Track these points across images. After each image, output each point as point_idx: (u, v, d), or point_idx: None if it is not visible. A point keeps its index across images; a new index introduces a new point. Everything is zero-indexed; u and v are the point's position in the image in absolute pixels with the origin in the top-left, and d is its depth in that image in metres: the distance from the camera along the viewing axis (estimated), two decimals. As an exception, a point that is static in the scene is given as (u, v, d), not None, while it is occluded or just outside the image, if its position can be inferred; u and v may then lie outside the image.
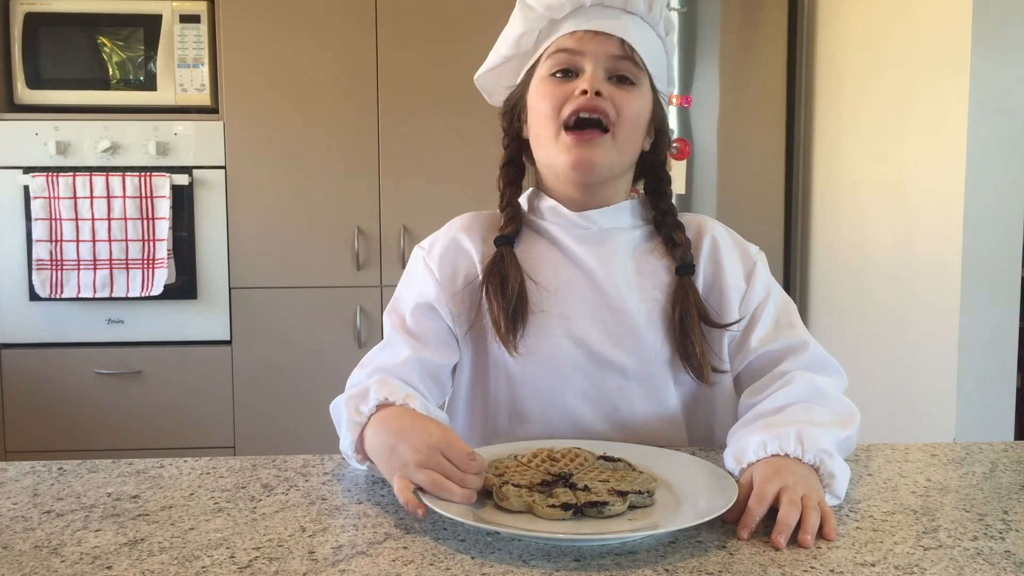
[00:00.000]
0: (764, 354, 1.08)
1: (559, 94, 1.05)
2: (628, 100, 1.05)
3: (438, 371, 1.08)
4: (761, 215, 2.81)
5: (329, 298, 2.89)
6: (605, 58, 1.05)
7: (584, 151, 1.04)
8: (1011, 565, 0.73)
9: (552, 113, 1.05)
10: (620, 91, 1.05)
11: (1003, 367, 1.94)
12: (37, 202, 2.71)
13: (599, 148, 1.05)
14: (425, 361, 1.07)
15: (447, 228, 1.15)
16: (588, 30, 1.05)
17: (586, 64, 1.05)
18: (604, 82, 1.05)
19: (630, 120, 1.06)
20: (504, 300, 1.05)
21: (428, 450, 0.85)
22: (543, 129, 1.07)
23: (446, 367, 1.10)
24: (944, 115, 1.98)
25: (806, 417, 0.95)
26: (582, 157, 1.05)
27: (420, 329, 1.08)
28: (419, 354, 1.06)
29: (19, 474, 0.97)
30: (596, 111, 1.03)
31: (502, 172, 1.15)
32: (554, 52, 1.07)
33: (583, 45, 1.05)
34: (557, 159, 1.06)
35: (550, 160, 1.08)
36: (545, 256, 1.10)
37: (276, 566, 0.73)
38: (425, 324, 1.09)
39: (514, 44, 1.10)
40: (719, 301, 1.09)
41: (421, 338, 1.08)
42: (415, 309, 1.09)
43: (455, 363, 1.11)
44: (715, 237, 1.12)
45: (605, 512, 0.80)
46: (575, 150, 1.05)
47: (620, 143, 1.06)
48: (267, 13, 2.80)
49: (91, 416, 2.85)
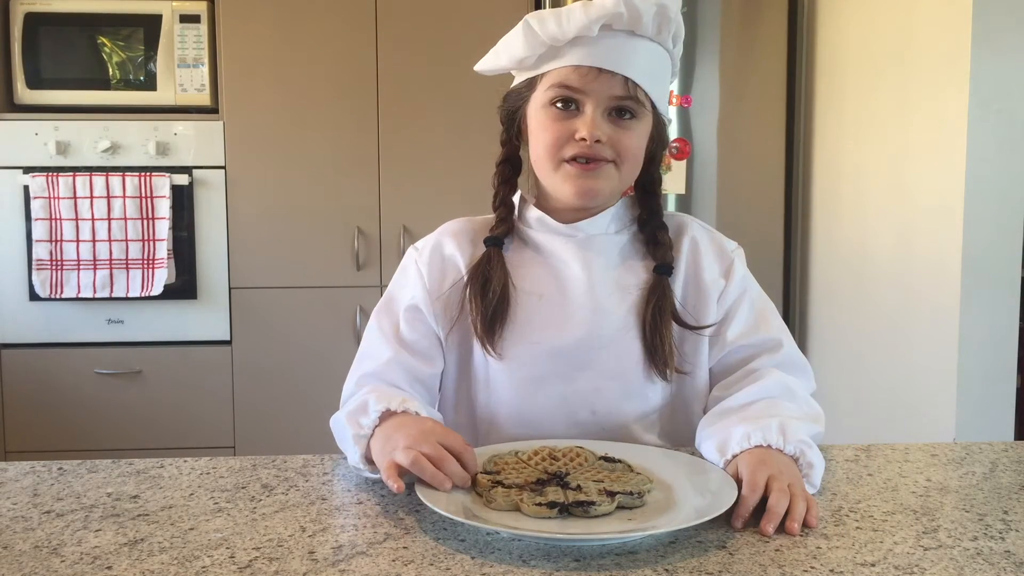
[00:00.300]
0: (739, 349, 1.10)
1: (559, 131, 1.05)
2: (628, 137, 1.05)
3: (423, 373, 1.10)
4: (761, 215, 2.81)
5: (329, 298, 2.89)
6: (607, 99, 1.04)
7: (588, 182, 1.05)
8: (1011, 565, 0.73)
9: (552, 148, 1.06)
10: (619, 130, 1.05)
11: (1003, 367, 1.94)
12: (37, 202, 2.71)
13: (602, 178, 1.06)
14: (409, 365, 1.09)
15: (439, 232, 1.16)
16: (592, 67, 1.03)
17: (587, 102, 1.04)
18: (603, 122, 1.04)
19: (631, 156, 1.06)
20: (484, 302, 1.07)
21: (421, 435, 0.89)
22: (544, 159, 1.07)
23: (431, 369, 1.11)
24: (944, 115, 1.98)
25: (780, 410, 0.98)
26: (585, 188, 1.05)
27: (409, 334, 1.10)
28: (402, 358, 1.09)
29: (19, 474, 0.97)
30: (595, 158, 1.04)
31: (498, 170, 1.15)
32: (556, 84, 1.05)
33: (586, 84, 1.03)
34: (560, 188, 1.07)
35: (552, 186, 1.09)
36: (530, 263, 1.11)
37: (276, 566, 0.73)
38: (414, 329, 1.11)
39: (515, 63, 1.09)
40: (698, 299, 1.10)
41: (407, 343, 1.10)
42: (406, 311, 1.11)
43: (441, 364, 1.12)
44: (694, 237, 1.13)
45: (591, 512, 0.80)
46: (579, 181, 1.05)
47: (623, 173, 1.07)
48: (267, 13, 2.80)
49: (91, 416, 2.85)
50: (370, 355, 1.10)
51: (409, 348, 1.10)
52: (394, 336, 1.10)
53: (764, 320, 1.12)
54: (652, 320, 1.06)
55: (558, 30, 1.03)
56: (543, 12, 1.06)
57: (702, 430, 1.02)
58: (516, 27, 1.08)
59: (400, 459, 0.86)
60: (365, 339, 1.13)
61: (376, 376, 1.08)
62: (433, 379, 1.12)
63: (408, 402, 0.97)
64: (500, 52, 1.11)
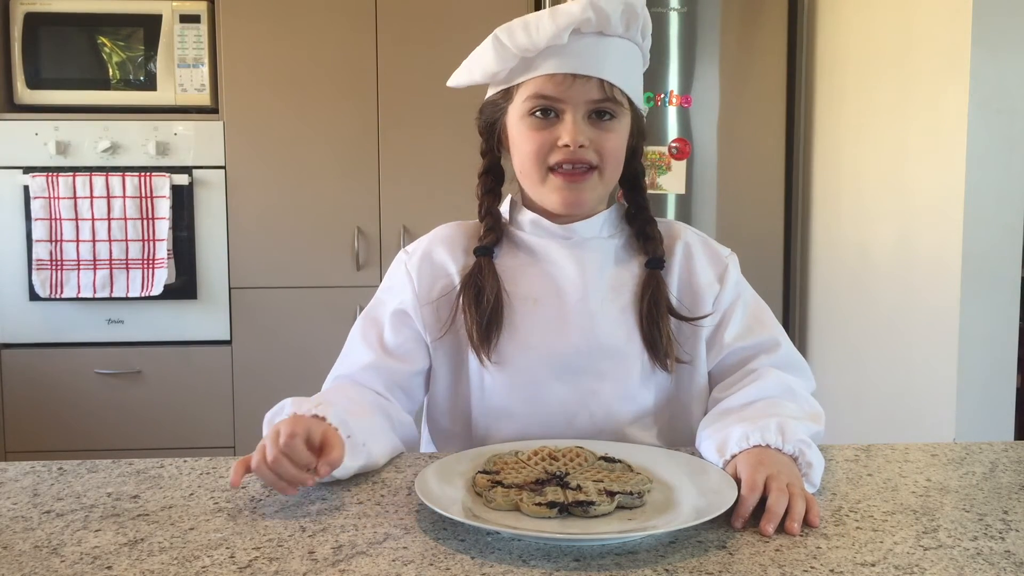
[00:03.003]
0: (737, 350, 1.10)
1: (541, 140, 1.05)
2: (609, 139, 1.06)
3: (405, 379, 1.10)
4: (761, 215, 2.81)
5: (329, 298, 2.89)
6: (585, 103, 1.04)
7: (574, 193, 1.06)
8: (1011, 565, 0.73)
9: (536, 158, 1.06)
10: (601, 132, 1.05)
11: (1003, 367, 1.94)
12: (37, 202, 2.72)
13: (587, 189, 1.06)
14: (390, 371, 1.09)
15: (430, 236, 1.16)
16: (568, 74, 1.03)
17: (566, 109, 1.04)
18: (584, 125, 1.04)
19: (614, 156, 1.07)
20: (479, 311, 1.06)
21: (274, 434, 0.87)
22: (528, 169, 1.08)
23: (414, 375, 1.11)
24: (944, 115, 1.98)
25: (779, 410, 0.98)
26: (571, 199, 1.06)
27: (392, 339, 1.11)
28: (382, 363, 1.09)
29: (19, 474, 0.97)
30: (580, 162, 1.04)
31: (480, 181, 1.15)
32: (533, 95, 1.05)
33: (562, 92, 1.04)
34: (547, 198, 1.08)
35: (539, 197, 1.09)
36: (525, 268, 1.11)
37: (276, 566, 0.73)
38: (398, 333, 1.11)
39: (488, 76, 1.09)
40: (693, 301, 1.11)
41: (389, 348, 1.10)
42: (392, 316, 1.11)
43: (425, 370, 1.12)
44: (688, 242, 1.14)
45: (591, 512, 0.80)
46: (564, 193, 1.06)
47: (607, 178, 1.08)
48: (267, 13, 2.80)
49: (91, 416, 2.85)
50: (350, 358, 1.11)
51: (391, 353, 1.10)
52: (377, 341, 1.11)
53: (760, 321, 1.13)
54: (648, 312, 1.07)
55: (528, 41, 1.03)
56: (512, 24, 1.05)
57: (702, 430, 1.03)
58: (485, 41, 1.07)
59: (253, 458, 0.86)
60: (349, 340, 1.14)
61: (349, 379, 1.09)
62: (415, 382, 1.12)
63: (324, 407, 0.93)
64: (472, 68, 1.10)
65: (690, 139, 2.74)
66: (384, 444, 1.00)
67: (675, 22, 2.73)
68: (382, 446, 0.99)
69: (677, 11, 2.71)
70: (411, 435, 1.10)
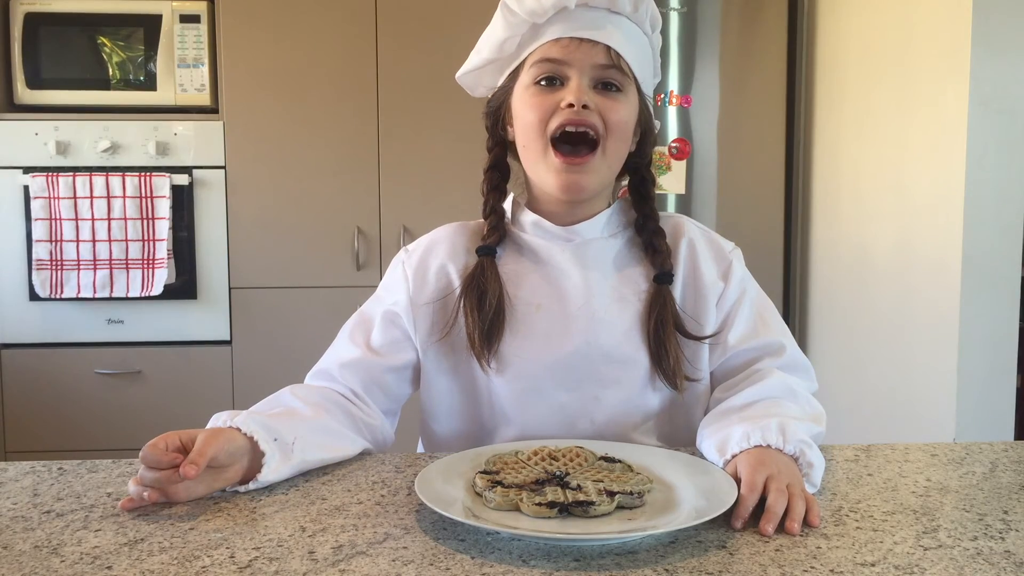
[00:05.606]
0: (740, 352, 1.10)
1: (545, 105, 1.04)
2: (615, 108, 1.04)
3: (385, 376, 1.10)
4: (761, 215, 2.81)
5: (329, 298, 2.89)
6: (591, 68, 1.04)
7: (574, 176, 1.04)
8: (1011, 565, 0.73)
9: (539, 125, 1.04)
10: (606, 100, 1.04)
11: (1003, 367, 1.94)
12: (37, 202, 2.72)
13: (588, 172, 1.05)
14: (371, 366, 1.09)
15: (431, 236, 1.16)
16: (573, 37, 1.03)
17: (571, 74, 1.04)
18: (590, 92, 1.03)
19: (618, 129, 1.05)
20: (481, 315, 1.06)
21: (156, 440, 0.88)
22: (530, 141, 1.06)
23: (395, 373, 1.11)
24: (944, 115, 1.98)
25: (781, 410, 0.98)
26: (571, 182, 1.05)
27: (379, 339, 1.11)
28: (366, 359, 1.09)
29: (19, 474, 0.97)
30: (583, 124, 1.02)
31: (486, 176, 1.14)
32: (539, 60, 1.05)
33: (568, 54, 1.03)
34: (546, 180, 1.06)
35: (539, 178, 1.08)
36: (527, 272, 1.10)
37: (276, 566, 0.73)
38: (386, 332, 1.11)
39: (496, 48, 1.09)
40: (697, 302, 1.10)
41: (375, 347, 1.10)
42: (383, 315, 1.11)
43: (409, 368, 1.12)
44: (691, 239, 1.13)
45: (591, 512, 0.80)
46: (564, 175, 1.04)
47: (609, 156, 1.06)
48: (267, 13, 2.80)
49: (91, 416, 2.85)
50: (333, 353, 1.13)
51: (375, 351, 1.10)
52: (364, 339, 1.11)
53: (764, 323, 1.12)
54: (656, 332, 1.06)
55: (536, 5, 1.03)
56: None
57: (702, 429, 1.02)
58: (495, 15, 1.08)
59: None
60: (339, 333, 1.14)
61: (326, 374, 1.11)
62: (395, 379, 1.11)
63: (242, 420, 0.94)
64: (480, 45, 1.11)
65: (690, 139, 2.74)
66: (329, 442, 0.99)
67: (675, 22, 2.73)
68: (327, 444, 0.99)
69: (677, 11, 2.71)
70: (380, 436, 1.10)
